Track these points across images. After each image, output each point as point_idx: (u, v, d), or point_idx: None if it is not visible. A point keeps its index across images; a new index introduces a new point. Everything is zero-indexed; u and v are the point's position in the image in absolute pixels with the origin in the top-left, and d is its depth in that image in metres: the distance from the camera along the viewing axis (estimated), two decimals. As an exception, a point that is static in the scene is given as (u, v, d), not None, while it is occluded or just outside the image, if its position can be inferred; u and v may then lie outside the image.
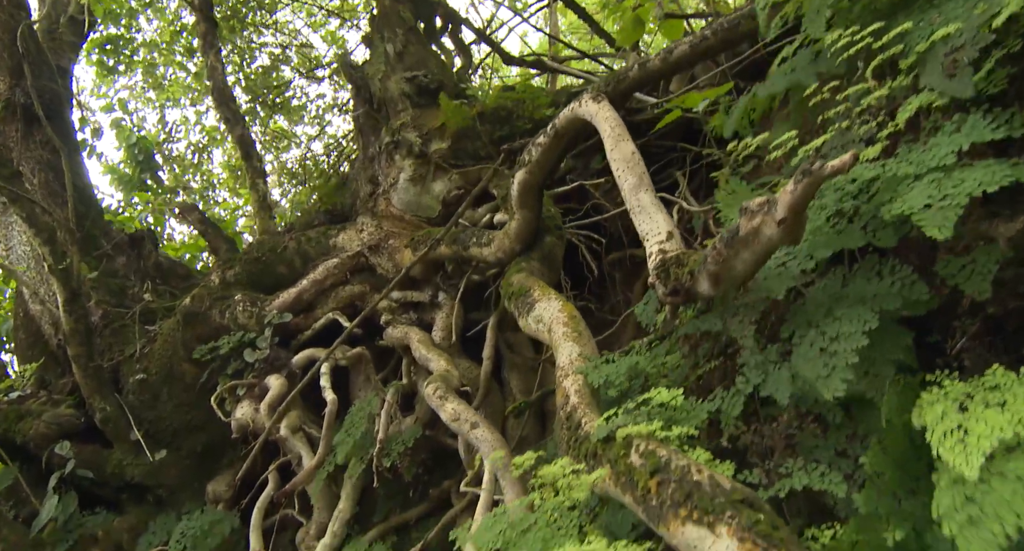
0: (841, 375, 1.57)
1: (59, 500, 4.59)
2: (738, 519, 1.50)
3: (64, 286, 4.46)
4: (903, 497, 1.52)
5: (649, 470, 1.64)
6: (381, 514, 3.82)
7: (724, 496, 1.54)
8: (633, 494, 1.66)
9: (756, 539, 1.48)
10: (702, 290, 1.98)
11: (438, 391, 3.08)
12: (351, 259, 4.41)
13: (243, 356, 4.23)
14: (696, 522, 1.53)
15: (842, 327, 1.64)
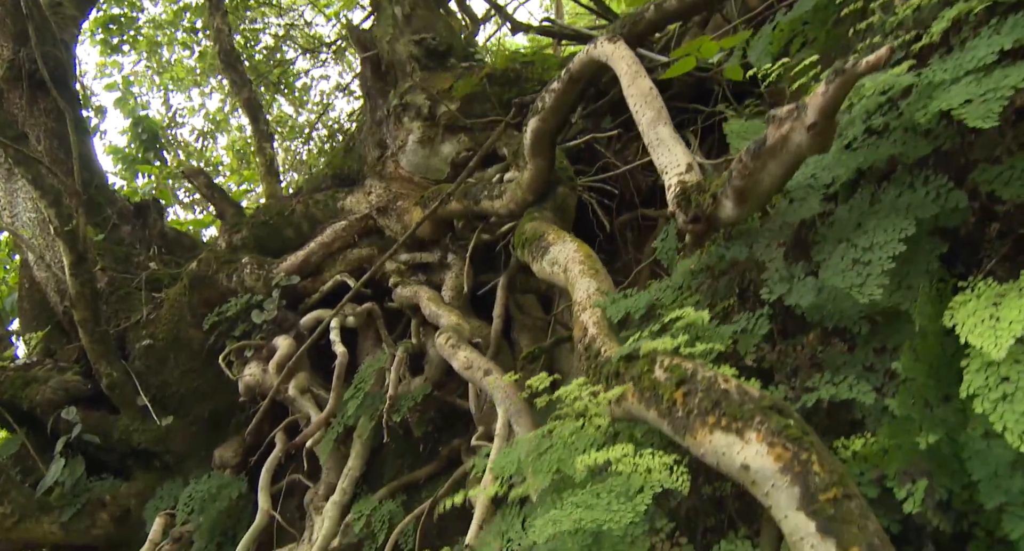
0: (877, 281, 1.53)
1: (65, 464, 4.57)
2: (767, 424, 1.47)
3: (70, 249, 4.42)
4: (935, 404, 1.48)
5: (675, 381, 1.61)
6: (391, 473, 3.79)
7: (753, 403, 1.50)
8: (657, 408, 1.63)
9: (786, 443, 1.45)
10: (725, 213, 1.94)
11: (450, 340, 3.05)
12: (359, 221, 4.37)
13: (251, 318, 4.20)
14: (724, 429, 1.50)
15: (875, 237, 1.60)
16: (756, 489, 1.45)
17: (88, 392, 5.01)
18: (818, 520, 1.37)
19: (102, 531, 4.57)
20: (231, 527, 4.36)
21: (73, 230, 4.44)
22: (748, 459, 1.45)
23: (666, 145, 2.26)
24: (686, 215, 2.05)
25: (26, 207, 5.21)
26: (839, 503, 1.38)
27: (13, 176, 5.27)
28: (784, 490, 1.41)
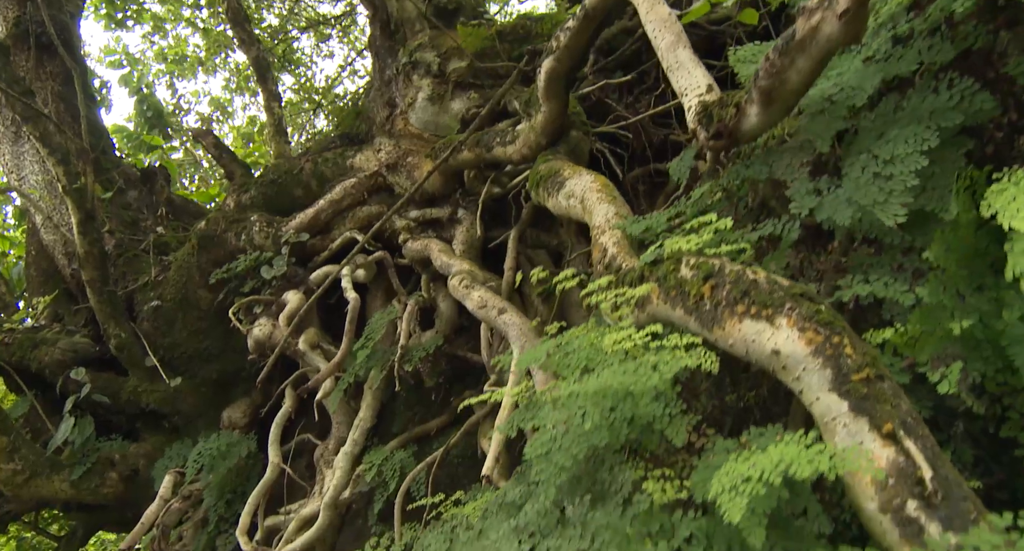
0: (899, 199, 1.51)
1: (75, 423, 4.57)
2: (798, 310, 1.45)
3: (78, 207, 4.40)
4: (968, 293, 1.46)
5: (702, 276, 1.59)
6: (401, 425, 3.78)
7: (782, 290, 1.48)
8: (684, 305, 1.61)
9: (817, 327, 1.43)
10: (749, 123, 1.91)
11: (464, 281, 3.03)
12: (369, 179, 4.35)
13: (260, 274, 4.19)
14: (754, 317, 1.48)
15: (896, 149, 1.58)
16: (786, 374, 1.44)
17: (96, 354, 5.01)
18: (850, 400, 1.36)
19: (111, 490, 4.57)
20: (240, 485, 4.35)
21: (81, 188, 4.42)
22: (779, 344, 1.44)
23: (686, 68, 2.23)
24: (707, 132, 2.03)
25: (33, 170, 5.19)
26: (871, 383, 1.36)
27: (20, 139, 5.25)
28: (816, 373, 1.40)
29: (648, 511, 1.29)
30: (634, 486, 1.33)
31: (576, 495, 1.35)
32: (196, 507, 4.41)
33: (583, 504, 1.32)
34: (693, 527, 1.24)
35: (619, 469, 1.36)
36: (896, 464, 1.28)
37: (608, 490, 1.34)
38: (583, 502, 1.33)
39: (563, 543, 1.26)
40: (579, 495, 1.34)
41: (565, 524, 1.31)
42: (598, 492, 1.35)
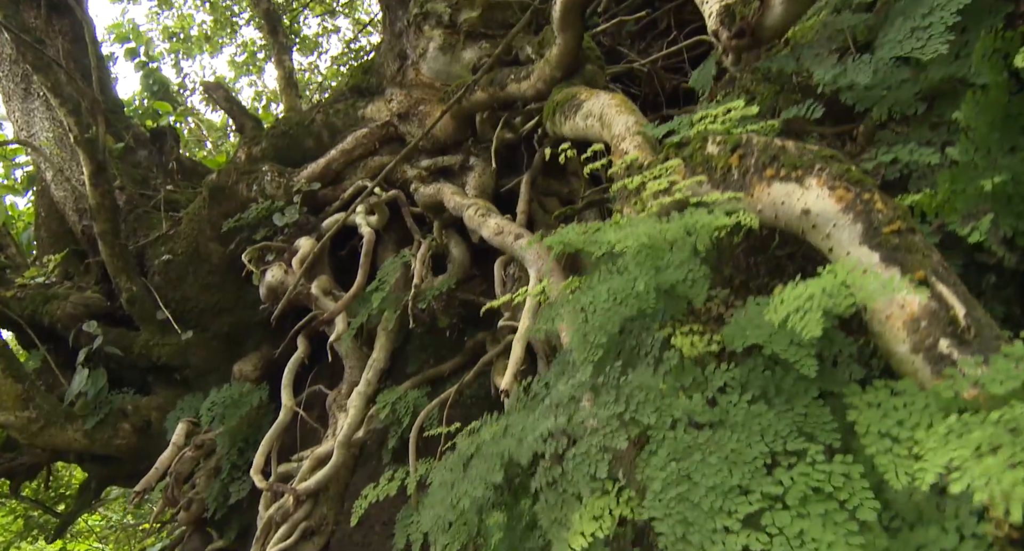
0: (940, 39, 1.50)
1: (88, 375, 4.59)
2: (828, 169, 1.44)
3: (90, 158, 4.41)
4: (999, 154, 1.45)
5: (729, 148, 1.58)
6: (415, 367, 3.79)
7: (812, 153, 1.48)
8: (711, 179, 1.61)
9: (847, 185, 1.42)
10: (773, 18, 1.90)
11: (479, 210, 3.03)
12: (380, 129, 4.34)
13: (272, 222, 4.19)
14: (783, 179, 1.48)
15: (934, 2, 1.57)
16: (815, 233, 1.43)
17: (108, 309, 5.03)
18: (881, 251, 1.36)
19: (124, 442, 4.60)
20: (253, 434, 4.37)
21: (93, 139, 4.42)
22: (809, 203, 1.43)
23: (706, -25, 2.22)
24: (729, 31, 2.02)
25: (43, 127, 5.20)
26: (902, 235, 1.36)
27: (30, 96, 5.25)
28: (846, 228, 1.39)
29: (679, 366, 1.29)
30: (663, 345, 1.33)
31: (607, 365, 1.35)
32: (209, 457, 4.43)
33: (614, 370, 1.32)
34: (726, 377, 1.24)
35: (647, 333, 1.36)
36: (928, 308, 1.28)
37: (638, 354, 1.34)
38: (614, 368, 1.33)
39: (598, 410, 1.26)
40: (610, 363, 1.34)
41: (598, 392, 1.31)
42: (628, 358, 1.35)
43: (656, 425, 1.16)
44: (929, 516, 1.01)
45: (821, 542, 0.94)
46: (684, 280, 1.36)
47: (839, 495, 1.00)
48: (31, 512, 10.05)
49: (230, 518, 4.37)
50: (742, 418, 1.13)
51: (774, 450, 1.07)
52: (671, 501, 1.05)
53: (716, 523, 1.00)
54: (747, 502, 1.01)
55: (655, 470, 1.09)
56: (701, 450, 1.10)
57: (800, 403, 1.14)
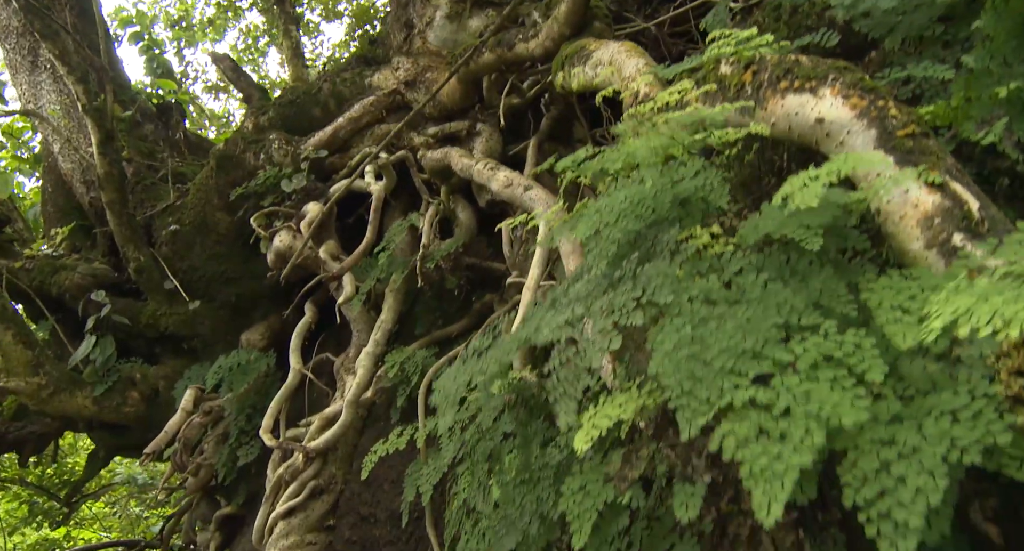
0: None
1: (96, 341, 4.62)
2: (842, 79, 1.46)
3: (98, 126, 4.43)
4: (1015, 62, 1.47)
5: (742, 67, 1.60)
6: (423, 329, 3.81)
7: (826, 65, 1.49)
8: (724, 97, 1.62)
9: (861, 93, 1.44)
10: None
11: (488, 164, 3.04)
12: (387, 96, 4.36)
13: (280, 189, 4.20)
14: (797, 91, 1.49)
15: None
16: (829, 142, 1.45)
17: (115, 280, 5.06)
18: (896, 154, 1.37)
19: (132, 409, 4.62)
20: (260, 401, 4.39)
21: (101, 107, 4.44)
22: (823, 112, 1.45)
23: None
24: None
25: (50, 99, 5.22)
26: (916, 139, 1.37)
27: (37, 68, 5.27)
28: (860, 134, 1.41)
29: (696, 254, 1.30)
30: (680, 242, 1.35)
31: (624, 260, 1.36)
32: (217, 423, 4.46)
33: (631, 263, 1.34)
34: (743, 262, 1.25)
35: (664, 235, 1.38)
36: (942, 206, 1.29)
37: (656, 250, 1.36)
38: (631, 262, 1.34)
39: (616, 296, 1.27)
40: (627, 259, 1.36)
41: (616, 284, 1.32)
42: (645, 255, 1.37)
43: (672, 303, 1.17)
44: (942, 384, 1.03)
45: (827, 401, 0.96)
46: (702, 187, 1.37)
47: (849, 361, 1.01)
48: (36, 498, 10.10)
49: (238, 484, 4.40)
50: (758, 294, 1.14)
51: (789, 322, 1.09)
52: (681, 360, 1.07)
53: (725, 382, 1.02)
54: (758, 365, 1.03)
55: (667, 335, 1.11)
56: (716, 319, 1.12)
57: (815, 280, 1.16)
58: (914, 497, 0.89)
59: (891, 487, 0.92)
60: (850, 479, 0.97)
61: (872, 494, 0.93)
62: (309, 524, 3.51)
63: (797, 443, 0.92)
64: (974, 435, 0.92)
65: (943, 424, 0.95)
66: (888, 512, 0.91)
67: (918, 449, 0.94)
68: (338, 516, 3.59)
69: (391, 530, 3.44)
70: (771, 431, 0.96)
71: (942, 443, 0.93)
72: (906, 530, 0.88)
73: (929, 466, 0.91)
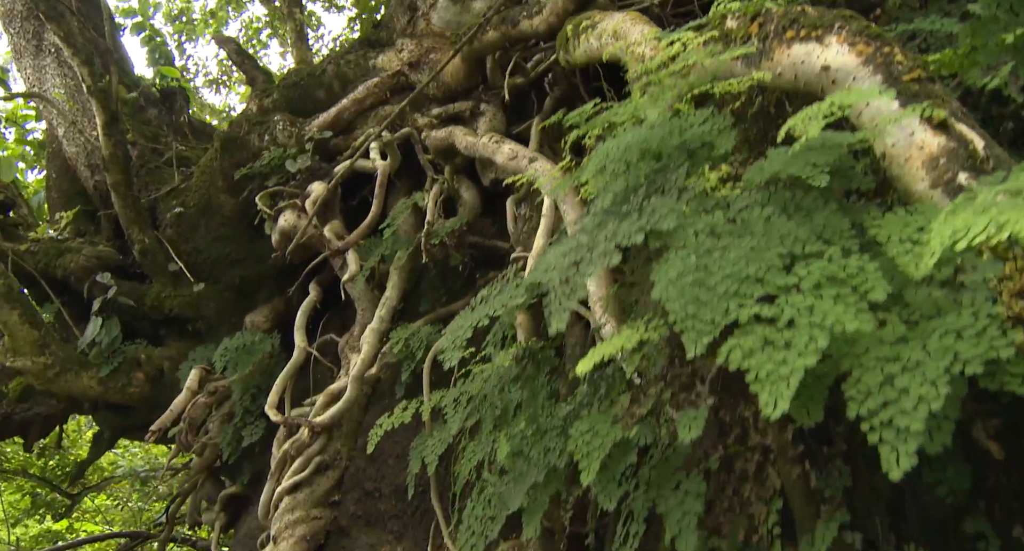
0: None
1: (102, 323, 4.64)
2: (848, 27, 1.47)
3: (103, 107, 4.44)
4: (1021, 9, 1.48)
5: (748, 19, 1.61)
6: (427, 305, 3.83)
7: (832, 14, 1.51)
8: (729, 49, 1.63)
9: (867, 40, 1.45)
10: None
11: (493, 138, 3.06)
12: (391, 78, 4.37)
13: (285, 168, 4.22)
14: (803, 40, 1.51)
15: None
16: (835, 88, 1.46)
17: (120, 263, 5.08)
18: (902, 98, 1.39)
19: (137, 390, 4.65)
20: (265, 382, 4.40)
21: (106, 88, 4.46)
22: (829, 59, 1.46)
23: None
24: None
25: (55, 83, 5.23)
26: (921, 83, 1.39)
27: (41, 53, 5.29)
28: (866, 80, 1.42)
29: (702, 194, 1.32)
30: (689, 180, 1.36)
31: (631, 195, 1.38)
32: (222, 403, 4.48)
33: (638, 197, 1.35)
34: (748, 200, 1.27)
35: (671, 176, 1.39)
36: (947, 147, 1.31)
37: (663, 190, 1.38)
38: (638, 195, 1.36)
39: (621, 226, 1.29)
40: (634, 193, 1.37)
41: (622, 218, 1.34)
42: (651, 191, 1.38)
43: (677, 235, 1.19)
44: (946, 308, 1.05)
45: (831, 313, 0.98)
46: (709, 132, 1.39)
47: (852, 282, 1.03)
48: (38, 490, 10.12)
49: (242, 464, 4.42)
50: (762, 228, 1.16)
51: (793, 251, 1.10)
52: (685, 286, 1.08)
53: (730, 303, 1.04)
54: (761, 288, 1.05)
55: (671, 265, 1.13)
56: (720, 250, 1.14)
57: (819, 216, 1.18)
58: (916, 405, 0.91)
59: (894, 398, 0.94)
60: (854, 393, 0.99)
61: (876, 405, 0.95)
62: (314, 499, 3.53)
63: (802, 348, 0.94)
64: (978, 351, 0.94)
65: (947, 340, 0.97)
66: (891, 420, 0.93)
67: (921, 363, 0.96)
68: (343, 491, 3.62)
69: (396, 504, 3.46)
70: (776, 341, 0.98)
71: (945, 357, 0.95)
72: (907, 435, 0.90)
73: (932, 377, 0.93)
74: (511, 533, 2.85)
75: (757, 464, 1.25)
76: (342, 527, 3.53)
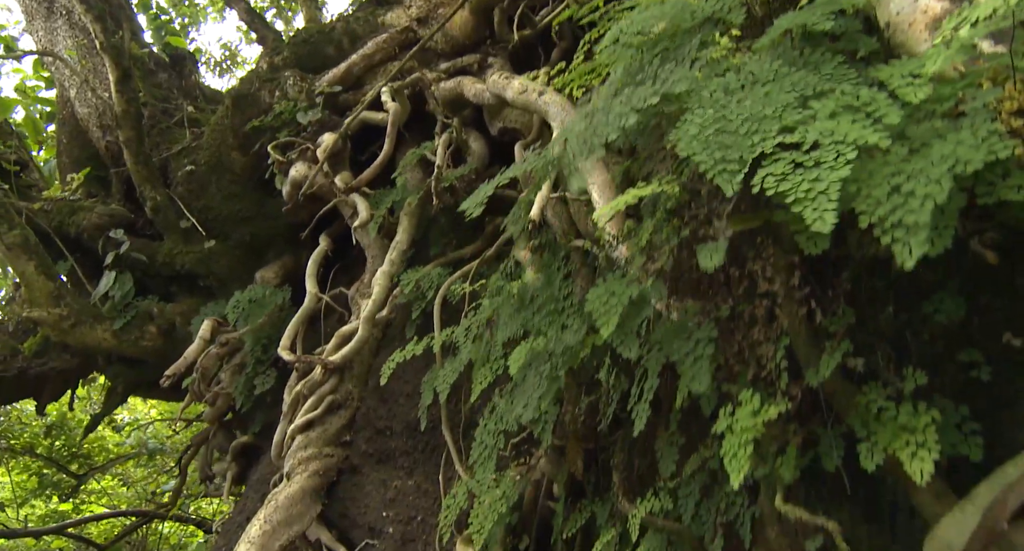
0: None
1: (116, 277, 4.71)
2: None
3: (116, 64, 4.51)
4: None
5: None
6: (437, 249, 3.90)
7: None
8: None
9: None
10: None
11: (503, 74, 3.12)
12: (400, 34, 4.43)
13: (295, 121, 4.29)
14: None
15: None
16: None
17: (132, 221, 5.15)
18: (905, -30, 1.45)
19: (150, 344, 4.72)
20: (276, 333, 4.47)
21: (118, 44, 4.52)
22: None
23: None
24: None
25: (66, 45, 5.29)
26: (925, -44, 1.44)
27: (52, 15, 5.35)
28: (871, -45, 1.48)
29: (715, 60, 1.38)
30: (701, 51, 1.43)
31: (646, 65, 1.44)
32: (233, 355, 4.55)
33: (652, 67, 1.42)
34: (758, 61, 1.33)
35: (684, 46, 1.46)
36: (950, 9, 1.37)
37: (675, 58, 1.44)
38: (652, 66, 1.42)
39: (637, 91, 1.35)
40: (647, 64, 1.44)
41: (637, 85, 1.40)
42: (665, 60, 1.44)
43: (692, 96, 1.26)
44: (947, 132, 1.11)
45: (850, 132, 1.04)
46: (720, 9, 1.45)
47: (866, 109, 1.09)
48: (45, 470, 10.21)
49: (254, 414, 4.50)
50: (773, 78, 1.22)
51: (805, 94, 1.17)
52: (708, 137, 1.15)
53: (754, 139, 1.10)
54: (780, 123, 1.11)
55: (690, 123, 1.19)
56: (736, 103, 1.20)
57: (827, 67, 1.24)
58: (922, 202, 0.98)
59: (901, 202, 1.01)
60: (864, 207, 1.05)
61: (885, 211, 1.02)
62: (327, 437, 3.61)
63: (831, 163, 1.01)
64: (978, 154, 1.01)
65: (948, 148, 1.04)
66: (900, 221, 0.99)
67: (925, 169, 1.02)
68: (355, 431, 3.69)
69: (407, 441, 3.54)
70: (805, 163, 1.04)
71: (947, 162, 1.01)
72: (916, 228, 0.96)
73: (935, 177, 0.99)
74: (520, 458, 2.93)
75: (766, 309, 1.31)
76: (354, 465, 3.61)
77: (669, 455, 1.78)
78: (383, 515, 3.37)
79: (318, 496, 3.42)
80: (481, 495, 2.63)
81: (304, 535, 3.51)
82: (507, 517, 2.62)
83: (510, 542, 2.73)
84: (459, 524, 2.92)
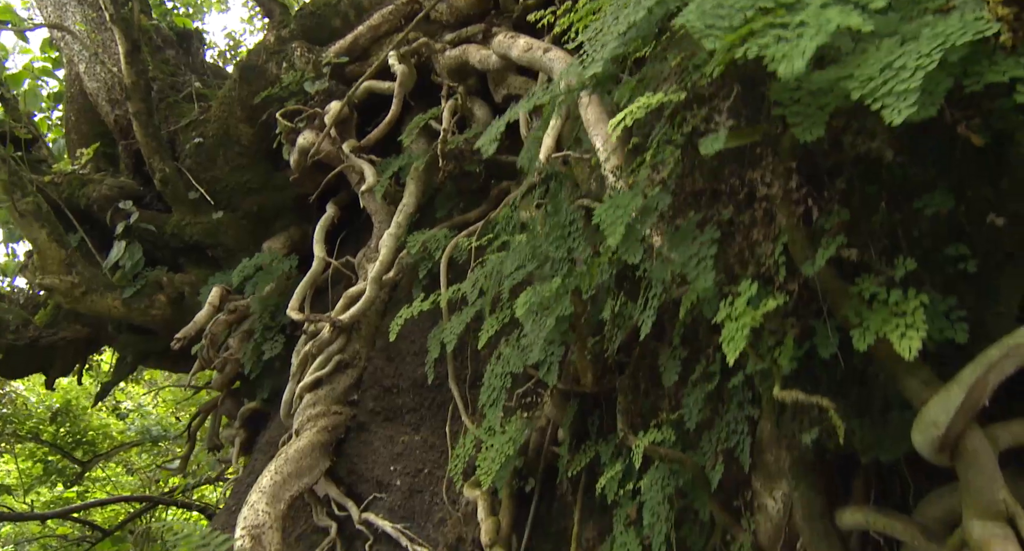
0: None
1: (125, 247, 4.78)
2: None
3: (126, 36, 4.57)
4: None
5: None
6: (443, 212, 3.96)
7: None
8: None
9: None
10: None
11: (508, 34, 3.18)
12: (406, 5, 4.48)
13: (303, 91, 4.35)
14: None
15: None
16: None
17: (140, 194, 5.22)
18: None
19: (160, 313, 4.80)
20: (283, 301, 4.54)
21: (127, 17, 4.58)
22: None
23: None
24: None
25: (75, 19, 5.36)
26: None
27: (63, -10, 5.41)
28: None
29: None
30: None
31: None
32: (241, 322, 4.62)
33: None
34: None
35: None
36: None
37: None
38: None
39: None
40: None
41: None
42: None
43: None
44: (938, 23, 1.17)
45: (836, 16, 1.10)
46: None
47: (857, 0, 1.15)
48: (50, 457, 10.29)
49: (262, 380, 4.57)
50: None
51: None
52: (704, 11, 1.21)
53: (747, 13, 1.16)
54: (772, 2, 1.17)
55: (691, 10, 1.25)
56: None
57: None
58: (913, 73, 1.04)
59: (892, 76, 1.07)
60: (856, 84, 1.11)
61: (876, 85, 1.08)
62: (335, 396, 3.68)
63: (812, 33, 1.07)
64: (966, 33, 1.07)
65: (938, 29, 1.10)
66: (891, 89, 1.05)
67: (916, 47, 1.08)
68: (362, 390, 3.76)
69: (413, 398, 3.61)
70: (788, 37, 1.10)
71: (936, 40, 1.07)
72: (906, 93, 1.02)
73: (925, 51, 1.05)
74: (525, 398, 2.99)
75: (764, 211, 1.37)
76: (362, 423, 3.68)
77: (672, 368, 1.84)
78: (390, 469, 3.44)
79: (327, 451, 3.49)
80: (488, 439, 2.70)
81: (313, 491, 3.58)
82: (514, 460, 2.69)
83: (516, 484, 2.80)
84: (467, 474, 2.99)
